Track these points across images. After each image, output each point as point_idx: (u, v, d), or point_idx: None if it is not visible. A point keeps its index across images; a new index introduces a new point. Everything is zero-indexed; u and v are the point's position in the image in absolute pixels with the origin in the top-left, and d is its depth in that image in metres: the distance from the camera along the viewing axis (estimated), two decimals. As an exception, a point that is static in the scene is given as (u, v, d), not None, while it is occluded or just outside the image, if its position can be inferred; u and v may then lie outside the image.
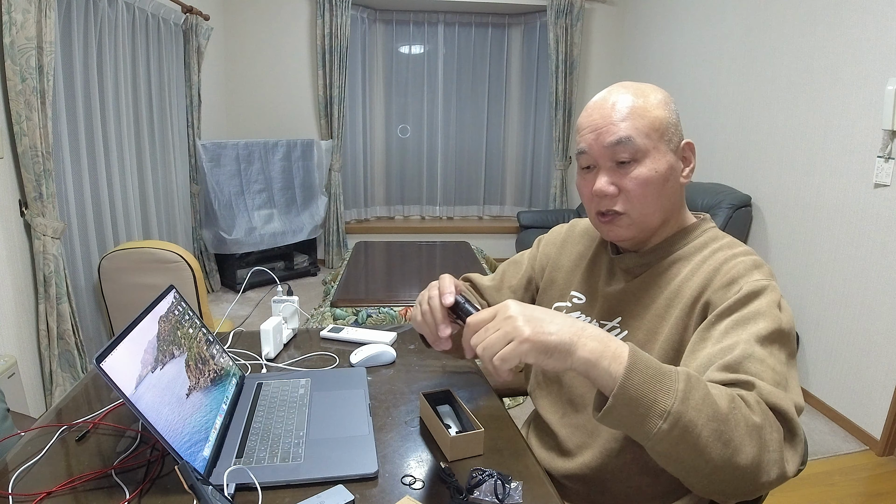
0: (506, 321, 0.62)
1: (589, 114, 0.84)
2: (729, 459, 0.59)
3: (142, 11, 2.90)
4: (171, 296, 0.97)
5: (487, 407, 1.01)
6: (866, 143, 2.21)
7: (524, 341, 0.60)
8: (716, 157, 3.29)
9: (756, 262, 0.78)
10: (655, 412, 0.58)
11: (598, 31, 4.55)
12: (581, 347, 0.61)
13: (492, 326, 0.62)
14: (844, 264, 2.33)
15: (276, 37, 4.29)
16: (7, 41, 1.83)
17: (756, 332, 0.69)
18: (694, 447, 0.59)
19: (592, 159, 0.83)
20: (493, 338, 0.61)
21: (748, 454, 0.59)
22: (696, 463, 0.60)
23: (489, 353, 0.61)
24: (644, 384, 0.59)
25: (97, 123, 2.50)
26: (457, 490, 0.76)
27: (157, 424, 0.73)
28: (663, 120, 0.81)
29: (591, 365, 0.61)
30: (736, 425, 0.59)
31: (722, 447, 0.59)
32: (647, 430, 0.59)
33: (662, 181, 0.80)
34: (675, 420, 0.58)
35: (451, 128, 4.89)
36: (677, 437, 0.58)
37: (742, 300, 0.73)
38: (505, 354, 0.60)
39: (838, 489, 1.96)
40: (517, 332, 0.60)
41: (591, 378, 0.61)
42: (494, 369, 0.61)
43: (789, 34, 2.65)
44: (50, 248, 2.04)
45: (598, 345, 0.61)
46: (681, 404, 0.58)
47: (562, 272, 1.01)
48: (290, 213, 4.20)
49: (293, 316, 1.31)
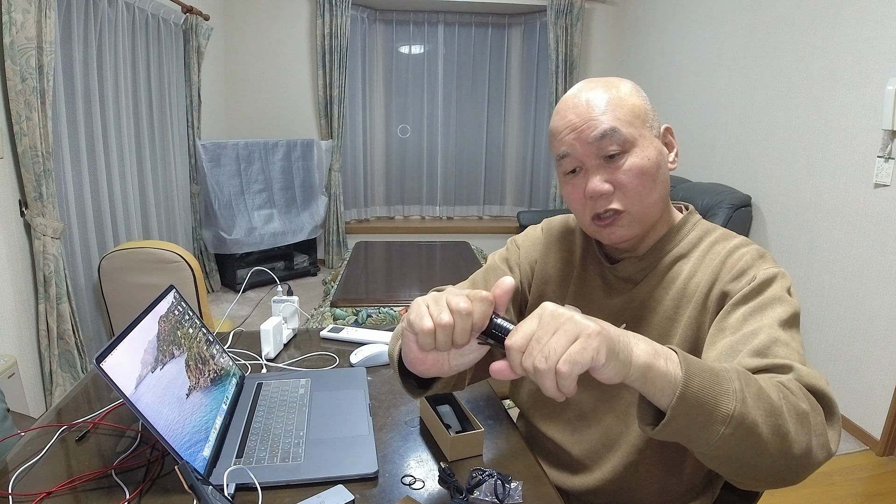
0: (560, 322, 0.51)
1: (563, 115, 0.78)
2: (786, 452, 0.56)
3: (142, 11, 2.90)
4: (171, 296, 0.97)
5: (487, 407, 1.01)
6: (866, 143, 2.20)
7: (594, 335, 0.49)
8: (716, 157, 3.29)
9: (759, 250, 0.77)
10: (718, 417, 0.53)
11: (598, 31, 4.55)
12: (635, 346, 0.53)
13: (543, 333, 0.50)
14: (844, 264, 2.33)
15: (276, 37, 4.29)
16: (7, 41, 1.83)
17: (777, 317, 0.68)
18: (755, 447, 0.55)
19: (577, 161, 0.78)
20: (554, 341, 0.49)
21: (801, 443, 0.56)
22: (754, 461, 0.57)
23: (552, 359, 0.49)
24: (703, 388, 0.53)
25: (97, 123, 2.50)
26: (457, 490, 0.76)
27: (157, 424, 0.73)
28: (640, 107, 0.78)
29: (648, 367, 0.52)
30: (789, 416, 0.56)
31: (780, 441, 0.56)
32: (709, 436, 0.54)
33: (656, 169, 0.77)
34: (739, 423, 0.54)
35: (451, 128, 4.89)
36: (739, 439, 0.55)
37: (757, 288, 0.71)
38: (574, 355, 0.48)
39: (838, 489, 1.96)
40: (583, 327, 0.50)
41: (648, 382, 0.53)
42: (559, 381, 0.49)
43: (789, 34, 2.65)
44: (50, 248, 2.04)
45: (646, 344, 0.54)
46: (742, 405, 0.54)
47: (551, 285, 0.92)
48: (290, 213, 4.20)
49: (293, 316, 1.31)
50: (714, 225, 0.85)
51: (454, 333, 0.55)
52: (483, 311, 0.54)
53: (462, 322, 0.54)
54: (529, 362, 0.50)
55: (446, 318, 0.54)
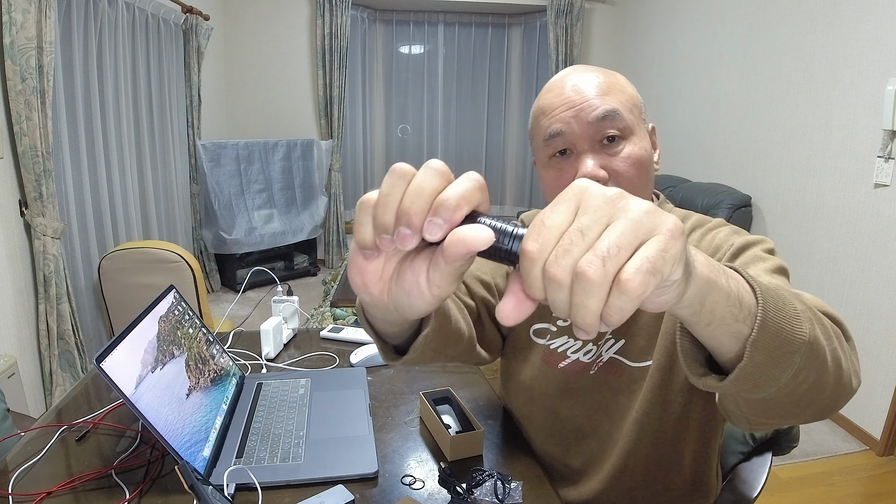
0: (620, 206, 0.29)
1: (558, 92, 0.72)
2: (838, 379, 0.47)
3: (142, 11, 2.90)
4: (171, 296, 0.97)
5: (487, 407, 1.01)
6: (866, 143, 2.20)
7: (677, 234, 0.30)
8: (716, 157, 3.29)
9: (734, 228, 0.75)
10: (795, 345, 0.41)
11: (598, 31, 4.55)
12: (694, 255, 0.36)
13: (590, 222, 0.29)
14: (844, 264, 2.33)
15: (276, 37, 4.28)
16: (7, 41, 1.83)
17: (764, 268, 0.64)
18: (819, 378, 0.45)
19: (569, 142, 0.71)
20: (613, 235, 0.28)
21: (848, 369, 0.48)
22: (812, 395, 0.46)
23: (613, 261, 0.27)
24: (777, 309, 0.40)
25: (97, 123, 2.50)
26: (457, 490, 0.75)
27: (157, 424, 0.73)
28: (638, 98, 0.75)
29: (710, 286, 0.36)
30: (834, 336, 0.48)
31: (836, 368, 0.46)
32: (782, 373, 0.42)
33: (649, 163, 0.73)
34: (810, 349, 0.42)
35: (451, 128, 4.89)
36: (809, 370, 0.43)
37: (735, 252, 0.69)
38: (655, 260, 0.28)
39: (838, 489, 1.95)
40: (660, 220, 0.30)
41: (706, 309, 0.37)
42: (617, 300, 0.28)
43: (789, 34, 2.65)
44: (50, 248, 2.04)
45: (701, 255, 0.37)
46: (811, 326, 0.42)
47: None
48: (290, 213, 4.20)
49: (293, 316, 1.31)
50: (687, 211, 0.83)
51: (403, 202, 0.30)
52: (465, 190, 0.30)
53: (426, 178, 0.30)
54: (566, 265, 0.28)
55: (394, 185, 0.31)
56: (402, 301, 0.35)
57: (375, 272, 0.35)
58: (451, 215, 0.29)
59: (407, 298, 0.34)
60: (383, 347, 0.59)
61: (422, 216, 0.30)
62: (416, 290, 0.33)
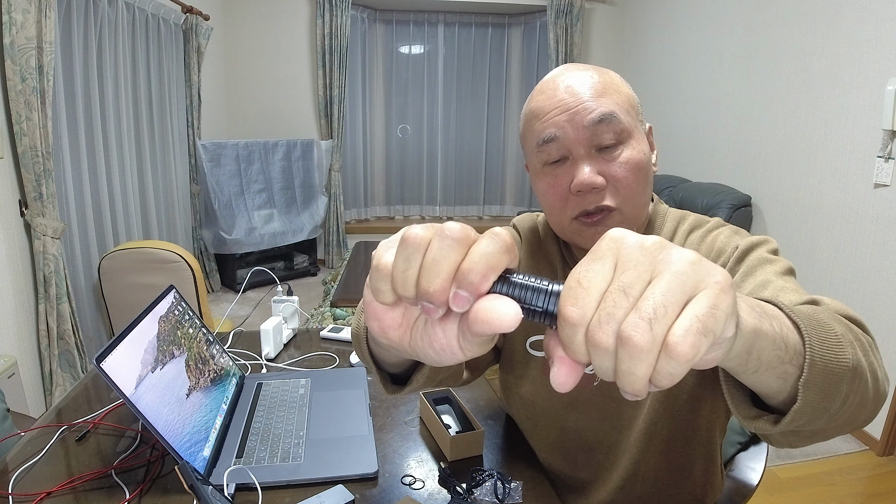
0: (661, 258, 0.27)
1: (551, 95, 0.68)
2: (876, 391, 0.46)
3: (142, 11, 2.90)
4: (171, 296, 0.97)
5: (487, 407, 1.01)
6: (866, 143, 2.20)
7: (726, 288, 0.27)
8: (716, 157, 3.29)
9: (735, 228, 0.74)
10: (841, 375, 0.41)
11: (598, 31, 4.55)
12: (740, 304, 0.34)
13: (631, 280, 0.26)
14: (844, 264, 2.33)
15: (276, 37, 4.28)
16: (7, 41, 1.83)
17: (773, 271, 0.62)
18: (862, 398, 0.45)
19: (564, 148, 0.68)
20: (658, 294, 0.26)
21: (881, 376, 0.47)
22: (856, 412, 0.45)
23: (661, 323, 0.25)
24: (822, 343, 0.40)
25: (97, 123, 2.50)
26: (457, 490, 0.75)
27: (157, 424, 0.73)
28: (634, 98, 0.71)
29: (756, 334, 0.34)
30: (868, 347, 0.47)
31: (874, 382, 0.46)
32: (832, 404, 0.41)
33: (648, 166, 0.70)
34: (854, 374, 0.42)
35: (451, 128, 4.89)
36: (853, 393, 0.43)
37: (739, 256, 0.67)
38: (706, 320, 0.26)
39: (838, 489, 1.95)
40: (705, 271, 0.27)
41: (753, 356, 0.35)
42: (666, 365, 0.26)
43: (789, 34, 2.65)
44: (50, 248, 2.04)
45: (744, 302, 0.35)
46: (853, 350, 0.42)
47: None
48: (290, 213, 4.20)
49: (293, 316, 1.31)
50: (683, 212, 0.80)
51: (420, 282, 0.29)
52: (490, 257, 0.28)
53: (442, 249, 0.28)
54: (611, 331, 0.26)
55: (409, 258, 0.29)
56: (427, 354, 0.32)
57: (394, 320, 0.33)
58: (477, 289, 0.28)
59: (437, 355, 0.32)
60: (383, 379, 0.57)
61: (443, 294, 0.28)
62: (448, 352, 0.31)
